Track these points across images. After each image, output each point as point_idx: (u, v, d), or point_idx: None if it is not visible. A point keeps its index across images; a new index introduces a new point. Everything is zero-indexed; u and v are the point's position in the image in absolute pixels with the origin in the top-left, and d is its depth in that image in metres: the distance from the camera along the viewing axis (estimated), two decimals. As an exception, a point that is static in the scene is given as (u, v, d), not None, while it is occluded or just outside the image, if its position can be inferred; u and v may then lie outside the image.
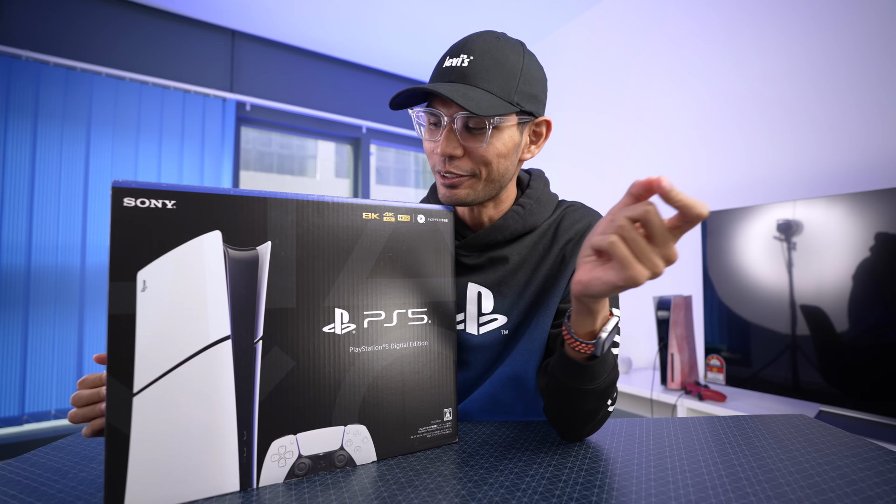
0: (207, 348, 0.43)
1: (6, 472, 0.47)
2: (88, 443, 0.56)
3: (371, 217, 0.52)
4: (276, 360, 0.46)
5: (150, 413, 0.40)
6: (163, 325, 0.41)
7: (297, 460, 0.46)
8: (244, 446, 0.44)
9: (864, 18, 1.49)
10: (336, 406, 0.49)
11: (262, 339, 0.45)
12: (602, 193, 2.45)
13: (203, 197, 0.43)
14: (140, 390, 0.40)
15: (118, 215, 0.40)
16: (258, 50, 2.83)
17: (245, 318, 0.45)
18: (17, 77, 2.10)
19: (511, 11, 2.55)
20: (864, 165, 1.47)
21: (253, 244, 0.45)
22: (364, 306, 0.51)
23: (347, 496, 0.41)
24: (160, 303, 0.41)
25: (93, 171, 2.25)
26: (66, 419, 2.13)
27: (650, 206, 0.38)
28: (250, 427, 0.44)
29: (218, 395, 0.43)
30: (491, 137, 0.59)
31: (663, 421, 0.63)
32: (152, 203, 0.41)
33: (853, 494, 0.40)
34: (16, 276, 2.06)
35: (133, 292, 0.40)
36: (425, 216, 0.56)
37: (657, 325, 1.74)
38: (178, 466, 0.41)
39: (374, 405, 0.51)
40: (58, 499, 0.41)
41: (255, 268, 0.45)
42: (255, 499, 0.41)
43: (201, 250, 0.43)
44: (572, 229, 0.68)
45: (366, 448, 0.50)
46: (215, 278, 0.43)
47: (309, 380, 0.47)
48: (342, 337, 0.49)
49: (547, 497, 0.40)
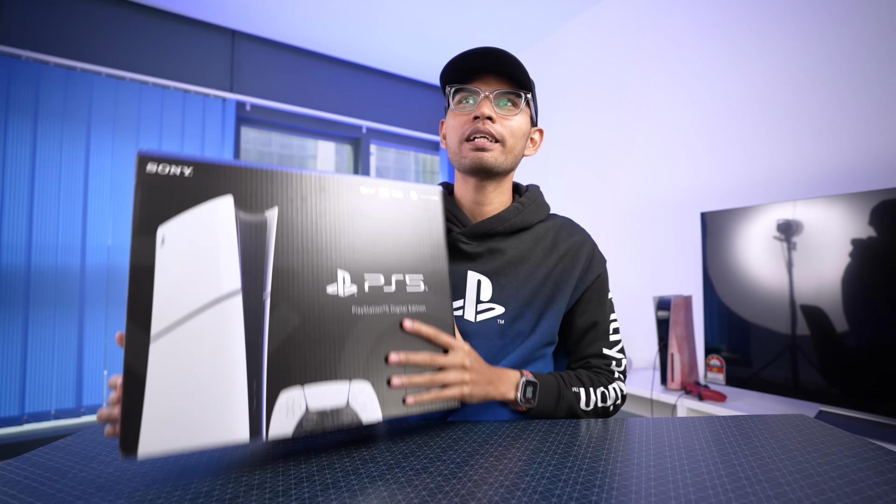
0: (220, 300, 0.46)
1: (6, 472, 0.47)
2: (88, 443, 0.56)
3: (369, 192, 0.57)
4: (284, 315, 0.49)
5: (165, 358, 0.43)
6: (178, 276, 0.45)
7: (304, 414, 0.48)
8: (253, 396, 0.46)
9: (864, 18, 1.49)
10: (341, 362, 0.51)
11: (271, 294, 0.49)
12: (602, 193, 2.45)
13: (217, 167, 0.48)
14: (157, 335, 0.43)
15: (142, 179, 0.45)
16: (258, 50, 2.83)
17: (254, 274, 0.48)
18: (17, 77, 2.10)
19: (511, 11, 2.55)
20: (864, 165, 1.47)
21: (261, 209, 0.50)
22: (364, 269, 0.55)
23: (347, 496, 0.41)
24: (176, 256, 0.45)
25: (93, 171, 2.25)
26: (66, 419, 2.14)
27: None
28: (259, 378, 0.47)
29: (229, 346, 0.46)
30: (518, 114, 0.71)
31: (663, 421, 0.63)
32: (172, 170, 0.46)
33: (853, 494, 0.40)
34: (16, 276, 2.06)
35: (153, 246, 0.44)
36: (418, 193, 0.61)
37: (657, 325, 1.74)
38: (191, 412, 0.43)
39: (376, 365, 0.53)
40: (58, 499, 0.41)
41: (263, 230, 0.49)
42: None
43: (215, 212, 0.47)
44: (569, 240, 0.76)
45: (371, 405, 0.52)
46: (227, 237, 0.47)
47: (315, 336, 0.50)
48: (345, 298, 0.53)
49: (547, 497, 0.40)
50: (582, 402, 0.68)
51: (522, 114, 0.72)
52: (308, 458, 0.50)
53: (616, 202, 2.37)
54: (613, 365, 0.75)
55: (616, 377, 0.74)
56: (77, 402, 2.17)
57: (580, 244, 0.75)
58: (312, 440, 0.56)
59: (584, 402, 0.68)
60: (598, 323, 0.75)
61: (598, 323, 0.75)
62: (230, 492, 0.42)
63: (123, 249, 2.32)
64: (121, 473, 0.47)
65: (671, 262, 2.06)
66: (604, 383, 0.72)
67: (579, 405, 0.68)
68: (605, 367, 0.74)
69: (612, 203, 2.39)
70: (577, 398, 0.68)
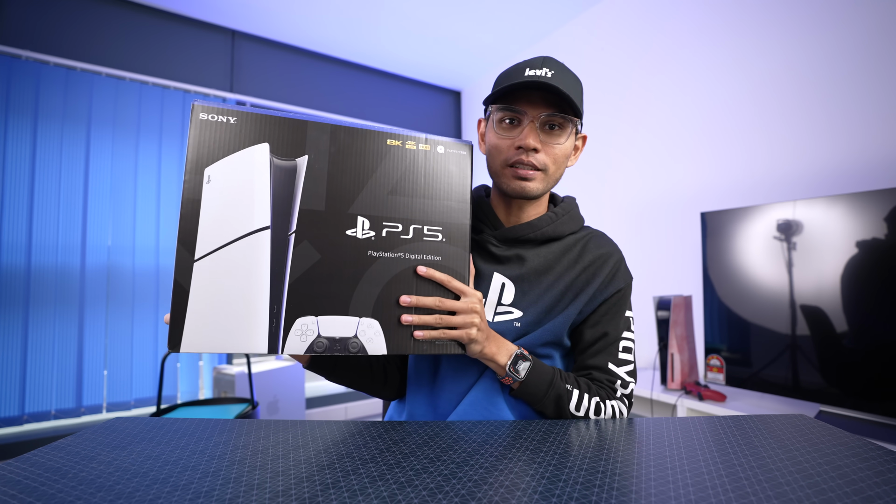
0: (251, 234, 0.53)
1: (6, 472, 0.47)
2: (88, 443, 0.56)
3: (394, 143, 0.60)
4: (305, 251, 0.55)
5: (205, 276, 0.52)
6: (219, 210, 0.53)
7: (316, 338, 0.55)
8: (273, 318, 0.54)
9: (864, 18, 1.49)
10: (353, 299, 0.56)
11: (295, 232, 0.55)
12: (602, 193, 2.45)
13: (256, 117, 0.55)
14: (200, 258, 0.52)
15: (195, 125, 0.53)
16: (258, 50, 2.83)
17: (282, 214, 0.55)
18: (17, 77, 2.10)
19: (511, 12, 2.55)
20: (864, 165, 1.47)
21: (293, 156, 0.56)
22: (383, 217, 0.59)
23: (347, 496, 0.41)
24: (219, 193, 0.53)
25: (93, 171, 2.25)
26: (66, 419, 2.14)
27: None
28: (280, 303, 0.54)
29: (256, 273, 0.53)
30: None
31: (663, 421, 0.63)
32: (219, 118, 0.54)
33: (853, 494, 0.40)
34: (16, 276, 2.06)
35: (200, 183, 0.53)
36: (445, 147, 0.63)
37: (657, 325, 1.74)
38: (223, 323, 0.52)
39: (387, 304, 0.58)
40: (58, 499, 0.41)
41: (293, 175, 0.56)
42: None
43: (252, 157, 0.54)
44: (595, 252, 0.75)
45: (377, 341, 0.57)
46: (262, 180, 0.54)
47: (331, 273, 0.56)
48: (362, 241, 0.58)
49: (547, 497, 0.40)
50: (572, 404, 0.66)
51: (570, 136, 0.70)
52: (308, 458, 0.50)
53: (616, 202, 2.37)
54: (618, 384, 0.70)
55: (618, 397, 0.70)
56: (77, 402, 2.17)
57: (606, 256, 0.74)
58: (313, 441, 0.56)
59: (574, 404, 0.66)
60: (607, 334, 0.72)
61: (607, 334, 0.72)
62: (230, 492, 0.42)
63: (124, 249, 2.32)
64: (121, 473, 0.47)
65: (671, 262, 2.06)
66: (602, 396, 0.69)
67: (569, 405, 0.66)
68: (608, 382, 0.70)
69: (612, 203, 2.39)
70: (569, 396, 0.66)
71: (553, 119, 0.68)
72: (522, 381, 0.65)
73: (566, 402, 0.66)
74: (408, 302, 0.58)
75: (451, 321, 0.59)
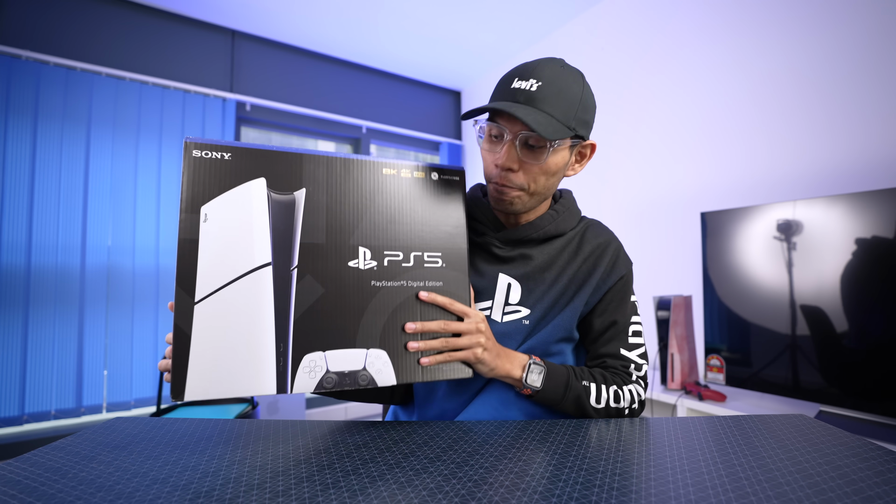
0: (253, 271, 0.52)
1: (6, 472, 0.47)
2: (88, 443, 0.56)
3: (390, 173, 0.61)
4: (309, 286, 0.55)
5: (207, 319, 0.50)
6: (218, 249, 0.51)
7: (325, 374, 0.54)
8: (280, 356, 0.52)
9: (864, 18, 1.49)
10: (360, 331, 0.56)
11: (297, 267, 0.54)
12: (602, 193, 2.45)
13: (252, 152, 0.54)
14: (200, 300, 0.50)
15: (189, 163, 0.51)
16: (258, 50, 2.83)
17: (283, 249, 0.54)
18: (17, 77, 2.10)
19: (511, 12, 2.55)
20: (864, 165, 1.47)
21: (291, 190, 0.55)
22: (384, 247, 0.59)
23: (347, 496, 0.41)
24: (217, 231, 0.52)
25: (93, 171, 2.25)
26: (66, 419, 2.14)
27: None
28: (286, 340, 0.53)
29: (260, 312, 0.52)
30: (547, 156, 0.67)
31: (663, 421, 0.63)
32: (213, 155, 0.52)
33: (853, 494, 0.40)
34: (16, 276, 2.06)
35: (197, 222, 0.51)
36: (438, 174, 0.64)
37: (657, 325, 1.74)
38: (228, 366, 0.50)
39: (393, 333, 0.58)
40: (58, 499, 0.41)
41: (292, 209, 0.55)
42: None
43: (250, 193, 0.53)
44: (594, 242, 0.76)
45: (386, 371, 0.57)
46: (260, 215, 0.53)
47: (336, 306, 0.55)
48: (365, 272, 0.57)
49: (547, 497, 0.40)
50: (592, 398, 0.67)
51: (556, 151, 0.65)
52: (308, 458, 0.50)
53: (616, 202, 2.37)
54: (632, 368, 0.73)
55: (634, 380, 0.72)
56: (77, 402, 2.17)
57: (605, 245, 0.75)
58: (313, 441, 0.56)
59: (594, 398, 0.67)
60: (616, 322, 0.74)
61: (616, 322, 0.74)
62: (230, 492, 0.42)
63: (124, 249, 2.32)
64: (121, 473, 0.47)
65: (671, 262, 2.06)
66: (618, 383, 0.70)
67: (589, 401, 0.67)
68: (623, 368, 0.72)
69: (612, 203, 2.39)
70: (587, 392, 0.67)
71: (529, 138, 0.64)
72: (540, 390, 0.66)
73: (585, 400, 0.67)
74: (413, 329, 0.58)
75: (456, 343, 0.59)
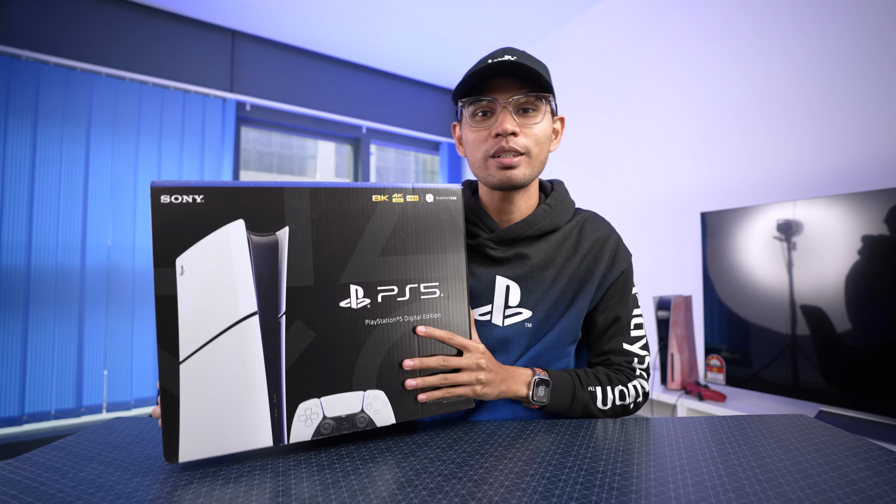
0: (238, 323, 0.49)
1: (6, 472, 0.47)
2: (88, 443, 0.56)
3: (380, 199, 0.56)
4: (299, 332, 0.51)
5: (194, 377, 0.47)
6: (200, 303, 0.47)
7: (322, 420, 0.52)
8: (274, 408, 0.50)
9: (864, 18, 1.49)
10: (355, 373, 0.53)
11: (286, 314, 0.51)
12: (602, 193, 2.45)
13: (227, 190, 0.49)
14: (185, 359, 0.47)
15: (157, 211, 0.46)
16: (258, 50, 2.83)
17: (269, 295, 0.50)
18: (17, 77, 2.10)
19: (511, 12, 2.55)
20: (864, 165, 1.47)
21: (272, 230, 0.51)
22: (377, 282, 0.55)
23: (347, 496, 0.41)
24: (196, 284, 0.47)
25: (93, 171, 2.25)
26: (66, 419, 2.14)
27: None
28: (279, 391, 0.50)
29: (250, 363, 0.49)
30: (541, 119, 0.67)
31: (663, 421, 0.63)
32: (184, 199, 0.47)
33: (853, 494, 0.40)
34: (16, 276, 2.06)
35: (174, 276, 0.47)
36: (434, 195, 0.59)
37: (657, 325, 1.74)
38: (221, 423, 0.48)
39: (390, 372, 0.55)
40: (58, 499, 0.41)
41: (275, 251, 0.51)
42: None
43: (228, 238, 0.49)
44: (592, 237, 0.74)
45: (385, 411, 0.54)
46: (241, 261, 0.49)
47: (329, 349, 0.52)
48: (358, 311, 0.54)
49: (547, 497, 0.40)
50: (598, 402, 0.68)
51: (544, 116, 0.68)
52: (308, 458, 0.50)
53: (616, 202, 2.37)
54: (635, 362, 0.73)
55: (637, 374, 0.73)
56: (77, 402, 2.17)
57: (604, 240, 0.74)
58: (313, 441, 0.56)
59: (600, 402, 0.68)
60: (619, 318, 0.74)
61: (619, 318, 0.74)
62: (230, 492, 0.42)
63: (123, 249, 2.32)
64: (120, 473, 0.47)
65: (671, 262, 2.06)
66: (623, 381, 0.71)
67: (595, 404, 0.68)
68: (626, 363, 0.73)
69: (612, 203, 2.39)
70: (594, 397, 0.67)
71: (526, 100, 0.66)
72: (547, 404, 0.66)
73: (592, 405, 0.68)
74: (411, 366, 0.56)
75: (455, 379, 0.58)
